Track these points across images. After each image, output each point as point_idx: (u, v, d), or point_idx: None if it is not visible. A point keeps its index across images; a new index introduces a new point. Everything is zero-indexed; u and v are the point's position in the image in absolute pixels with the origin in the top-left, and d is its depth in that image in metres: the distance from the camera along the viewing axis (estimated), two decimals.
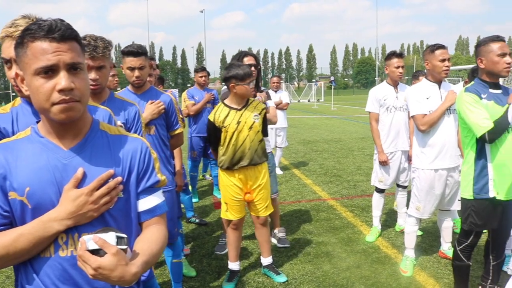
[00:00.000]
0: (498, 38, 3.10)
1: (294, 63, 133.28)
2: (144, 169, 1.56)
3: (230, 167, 3.93)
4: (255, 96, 4.28)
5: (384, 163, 4.91)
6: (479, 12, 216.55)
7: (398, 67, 4.80)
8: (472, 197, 3.20)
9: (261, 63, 4.81)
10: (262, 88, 4.71)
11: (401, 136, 4.86)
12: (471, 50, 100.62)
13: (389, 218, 5.95)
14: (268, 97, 4.65)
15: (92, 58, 2.46)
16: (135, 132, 2.81)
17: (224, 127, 3.87)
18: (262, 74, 4.26)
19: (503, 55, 3.05)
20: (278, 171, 9.18)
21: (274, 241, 5.10)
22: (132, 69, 3.31)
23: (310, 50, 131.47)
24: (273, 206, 4.49)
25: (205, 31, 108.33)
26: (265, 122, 4.04)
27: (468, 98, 3.11)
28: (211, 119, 3.92)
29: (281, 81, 10.51)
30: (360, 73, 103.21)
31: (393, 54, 4.86)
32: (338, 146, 12.80)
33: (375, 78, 65.68)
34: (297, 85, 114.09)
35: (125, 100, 2.84)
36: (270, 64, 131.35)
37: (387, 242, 5.09)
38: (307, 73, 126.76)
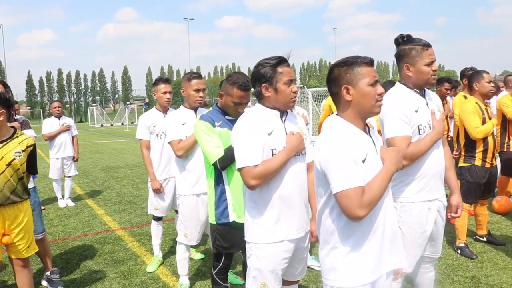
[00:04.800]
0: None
1: (109, 85, 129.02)
2: None
3: None
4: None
5: (157, 191, 4.83)
6: (282, 38, 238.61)
7: (165, 92, 4.79)
8: (215, 222, 3.27)
9: (73, 85, 4.39)
10: (17, 117, 4.25)
11: (173, 162, 4.83)
12: None
13: (175, 244, 5.87)
14: (25, 127, 4.23)
15: None
16: None
17: None
18: (13, 101, 3.78)
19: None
20: (70, 202, 8.53)
21: (45, 284, 4.61)
22: None
23: (125, 71, 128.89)
24: (43, 246, 4.25)
25: (4, 48, 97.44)
26: (33, 159, 3.70)
27: (202, 126, 3.19)
28: None
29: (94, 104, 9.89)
30: (176, 94, 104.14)
31: (160, 80, 4.84)
32: (140, 171, 12.50)
33: None
34: (112, 108, 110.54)
35: None
36: (83, 86, 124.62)
37: (168, 270, 5.00)
38: (122, 95, 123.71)
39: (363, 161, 2.10)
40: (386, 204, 2.23)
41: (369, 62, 2.20)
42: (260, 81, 2.67)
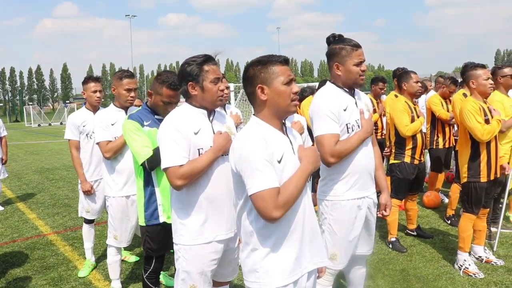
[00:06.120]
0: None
1: (47, 83, 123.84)
2: None
3: None
4: None
5: (88, 193, 4.67)
6: (227, 36, 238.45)
7: (95, 91, 4.63)
8: (144, 224, 3.19)
9: (7, 83, 4.10)
10: None
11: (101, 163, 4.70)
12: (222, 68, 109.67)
13: None
14: None
15: None
16: None
17: None
18: None
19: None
20: None
21: None
22: None
23: (65, 69, 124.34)
24: None
25: None
26: None
27: (130, 125, 3.10)
28: None
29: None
30: None
31: (89, 78, 4.67)
32: None
33: None
34: (51, 107, 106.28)
35: None
36: (18, 84, 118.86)
37: (101, 274, 4.83)
38: (62, 94, 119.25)
39: (279, 161, 2.08)
40: (305, 203, 2.21)
41: (284, 61, 2.16)
42: (186, 80, 2.62)
